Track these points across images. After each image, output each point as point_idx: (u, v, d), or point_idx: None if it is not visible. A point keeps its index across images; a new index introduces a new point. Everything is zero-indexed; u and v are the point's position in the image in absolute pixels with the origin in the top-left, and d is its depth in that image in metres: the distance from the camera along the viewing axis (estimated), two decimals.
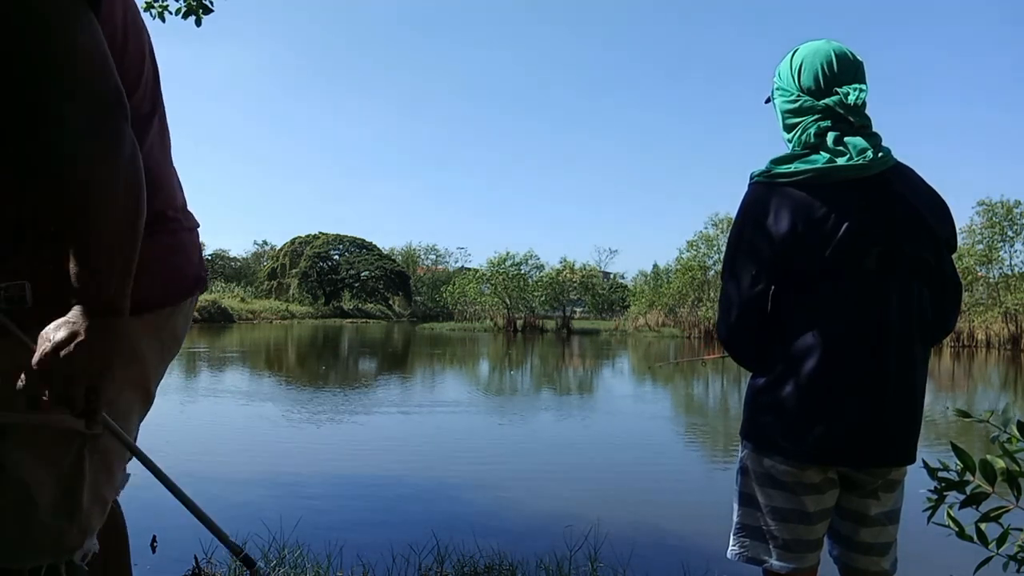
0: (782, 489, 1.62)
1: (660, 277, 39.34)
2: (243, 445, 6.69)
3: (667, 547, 3.89)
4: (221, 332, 27.31)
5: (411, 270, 56.72)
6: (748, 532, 1.67)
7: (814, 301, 1.55)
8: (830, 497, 1.63)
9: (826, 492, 1.62)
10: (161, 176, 1.32)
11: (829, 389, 1.54)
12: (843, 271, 1.53)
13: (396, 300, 54.32)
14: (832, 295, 1.54)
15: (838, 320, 1.54)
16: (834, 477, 1.62)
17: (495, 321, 37.78)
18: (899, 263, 1.54)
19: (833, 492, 1.64)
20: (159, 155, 1.33)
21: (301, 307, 45.70)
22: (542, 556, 3.21)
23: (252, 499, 4.64)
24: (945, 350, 24.47)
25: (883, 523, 1.65)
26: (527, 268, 38.36)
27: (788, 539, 1.62)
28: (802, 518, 1.61)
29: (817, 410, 1.55)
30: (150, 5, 3.71)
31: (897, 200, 1.55)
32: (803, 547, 1.62)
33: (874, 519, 1.64)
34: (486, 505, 4.84)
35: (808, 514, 1.61)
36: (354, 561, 3.12)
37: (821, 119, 1.57)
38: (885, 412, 1.54)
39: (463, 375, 15.74)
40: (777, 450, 1.60)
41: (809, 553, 1.63)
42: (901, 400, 1.55)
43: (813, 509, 1.60)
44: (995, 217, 27.33)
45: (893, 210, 1.54)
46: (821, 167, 1.53)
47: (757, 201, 1.59)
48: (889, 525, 1.65)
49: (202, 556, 3.09)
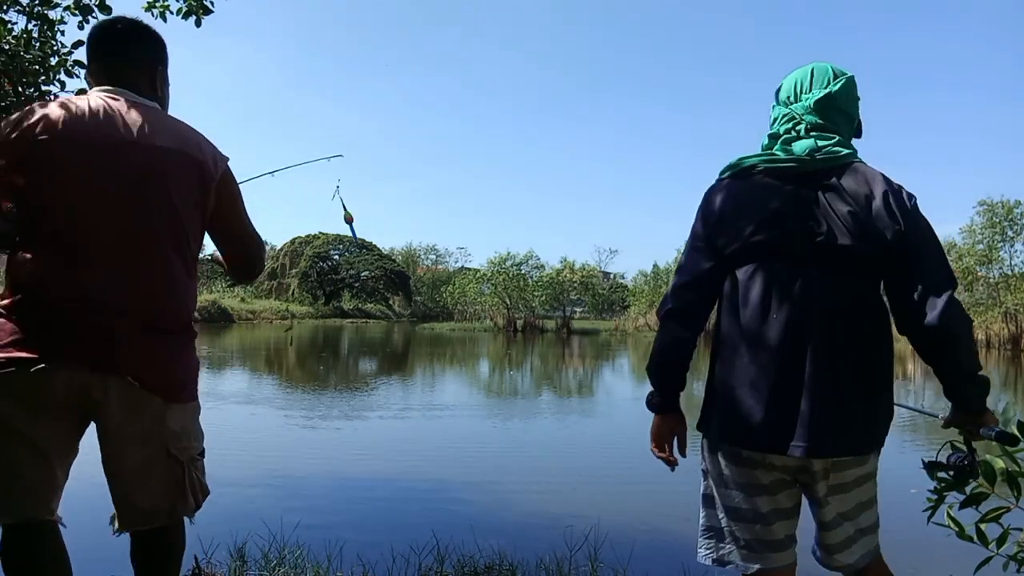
0: (736, 489, 1.66)
1: (660, 277, 39.29)
2: (243, 445, 6.69)
3: (667, 547, 3.90)
4: (221, 332, 27.31)
5: (411, 270, 56.68)
6: (713, 533, 1.72)
7: (736, 286, 1.65)
8: (785, 498, 1.66)
9: (778, 493, 1.65)
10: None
11: (738, 373, 1.62)
12: (763, 257, 1.61)
13: (396, 300, 54.31)
14: (748, 280, 1.62)
15: (750, 304, 1.61)
16: (785, 478, 1.64)
17: (495, 321, 37.76)
18: (824, 252, 1.57)
19: (788, 493, 1.66)
20: None
21: (301, 307, 45.67)
22: (542, 556, 3.21)
23: (252, 499, 4.64)
24: None
25: (841, 523, 1.65)
26: (527, 268, 38.35)
27: (748, 539, 1.66)
28: (757, 518, 1.65)
29: (728, 393, 1.65)
30: (151, 5, 3.70)
31: (832, 192, 1.60)
32: (765, 547, 1.65)
33: (831, 522, 1.66)
34: (486, 505, 4.84)
35: (763, 514, 1.64)
36: (354, 561, 3.12)
37: (782, 123, 1.71)
38: (789, 400, 1.55)
39: (463, 375, 15.74)
40: (708, 434, 1.73)
41: (773, 553, 1.65)
42: (819, 390, 1.54)
43: (766, 509, 1.64)
44: (995, 217, 27.30)
45: (824, 202, 1.60)
46: (755, 161, 1.68)
47: (708, 192, 1.76)
48: (848, 522, 1.66)
49: (202, 556, 3.08)
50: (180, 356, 1.74)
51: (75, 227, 1.62)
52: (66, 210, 1.62)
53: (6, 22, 3.29)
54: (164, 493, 1.73)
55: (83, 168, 1.62)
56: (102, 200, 1.63)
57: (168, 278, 1.69)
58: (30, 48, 3.34)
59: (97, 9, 3.52)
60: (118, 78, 1.77)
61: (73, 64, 3.48)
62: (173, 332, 1.71)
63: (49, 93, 3.44)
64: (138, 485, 1.72)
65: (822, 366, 1.54)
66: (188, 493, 1.77)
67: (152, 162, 1.67)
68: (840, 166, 1.63)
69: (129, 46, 1.81)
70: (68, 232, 1.62)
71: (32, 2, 3.41)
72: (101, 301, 1.60)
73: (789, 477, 1.65)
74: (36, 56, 3.33)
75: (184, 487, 1.76)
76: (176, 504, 1.76)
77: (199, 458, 1.83)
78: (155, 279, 1.67)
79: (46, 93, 3.42)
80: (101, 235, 1.62)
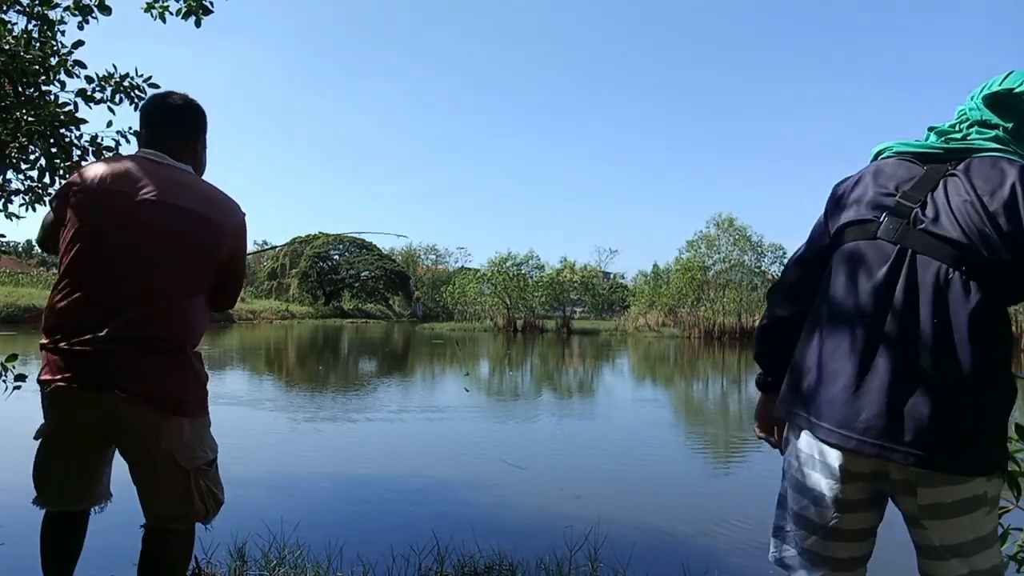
0: (809, 497, 1.51)
1: (660, 277, 39.30)
2: (244, 445, 6.69)
3: (667, 547, 3.89)
4: (222, 332, 27.31)
5: (411, 270, 56.67)
6: (778, 534, 1.62)
7: (831, 267, 1.58)
8: (862, 518, 1.50)
9: (858, 512, 1.49)
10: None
11: (813, 355, 1.51)
12: (861, 238, 1.52)
13: (396, 300, 54.29)
14: (841, 262, 1.54)
15: (837, 287, 1.53)
16: (862, 484, 1.47)
17: (495, 321, 37.76)
18: (925, 240, 1.42)
19: (869, 513, 1.51)
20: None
21: (301, 307, 45.67)
22: (542, 556, 3.21)
23: (252, 499, 4.64)
24: None
25: (945, 557, 1.41)
26: (527, 268, 38.35)
27: (807, 549, 1.53)
28: (816, 529, 1.51)
29: (803, 376, 1.53)
30: (151, 6, 3.70)
31: (956, 181, 1.46)
32: (823, 563, 1.52)
33: (933, 550, 1.43)
34: (486, 505, 4.84)
35: (824, 527, 1.50)
36: (354, 561, 3.12)
37: (952, 120, 1.64)
38: (866, 391, 1.39)
39: (463, 375, 15.74)
40: (788, 421, 1.60)
41: (833, 572, 1.51)
42: (895, 388, 1.37)
43: (830, 522, 1.49)
44: None
45: (943, 191, 1.46)
46: (888, 144, 1.65)
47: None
48: (955, 559, 1.40)
49: (202, 556, 3.09)
50: (177, 374, 1.97)
51: (94, 269, 1.92)
52: (88, 255, 1.92)
53: (6, 22, 3.29)
54: (171, 499, 1.98)
55: (108, 217, 1.93)
56: (121, 246, 1.92)
57: (168, 311, 1.94)
58: (30, 48, 3.34)
59: (97, 9, 3.52)
60: (161, 144, 2.07)
61: (73, 64, 3.48)
62: (170, 354, 1.94)
63: (49, 93, 3.44)
64: (147, 490, 1.99)
65: (900, 360, 1.38)
66: (196, 500, 2.00)
67: (170, 219, 1.95)
68: (978, 157, 1.49)
69: (175, 117, 2.11)
70: (88, 273, 1.92)
71: (32, 2, 3.41)
72: (109, 330, 1.86)
73: (867, 484, 1.47)
74: (36, 56, 3.33)
75: (191, 494, 1.99)
76: (185, 510, 2.00)
77: (206, 468, 2.04)
78: (155, 313, 1.92)
79: (46, 93, 3.42)
80: (114, 276, 1.91)
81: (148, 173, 1.98)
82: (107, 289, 1.90)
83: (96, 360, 1.86)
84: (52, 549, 2.05)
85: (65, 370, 1.88)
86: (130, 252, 1.92)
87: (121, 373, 1.87)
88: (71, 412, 1.93)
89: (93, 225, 1.93)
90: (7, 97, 3.28)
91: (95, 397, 1.87)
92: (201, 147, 2.19)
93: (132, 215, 1.92)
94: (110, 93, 3.61)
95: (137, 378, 1.88)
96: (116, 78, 3.62)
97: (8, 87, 3.25)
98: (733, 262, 33.00)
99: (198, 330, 2.05)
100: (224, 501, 2.13)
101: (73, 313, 1.89)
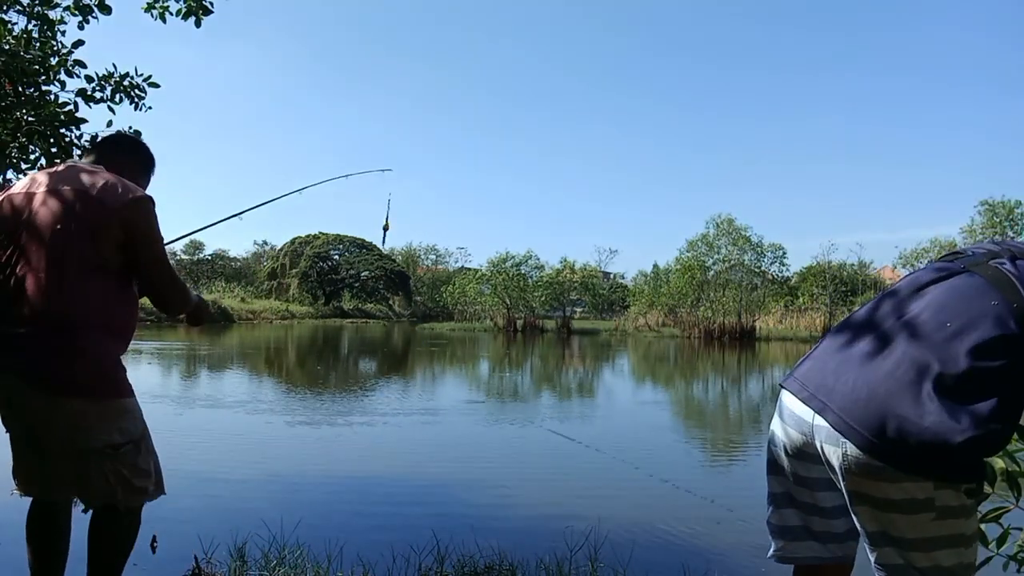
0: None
1: (660, 277, 39.29)
2: (244, 445, 6.69)
3: (667, 547, 3.89)
4: (222, 332, 27.31)
5: (411, 270, 56.66)
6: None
7: None
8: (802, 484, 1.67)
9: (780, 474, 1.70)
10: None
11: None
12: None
13: (396, 300, 54.29)
14: None
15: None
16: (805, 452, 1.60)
17: (495, 321, 37.74)
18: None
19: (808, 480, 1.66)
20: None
21: (301, 307, 45.67)
22: (542, 556, 3.21)
23: (253, 499, 4.64)
24: None
25: (878, 544, 1.49)
26: (527, 268, 38.33)
27: (769, 522, 1.75)
28: (770, 499, 1.75)
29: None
30: (151, 6, 3.70)
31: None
32: (773, 532, 1.73)
33: (866, 535, 1.52)
34: (486, 505, 4.83)
35: (772, 495, 1.73)
36: (354, 561, 3.12)
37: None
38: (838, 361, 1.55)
39: (463, 376, 15.74)
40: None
41: (783, 541, 1.71)
42: (858, 366, 1.49)
43: (774, 490, 1.73)
44: (996, 217, 27.31)
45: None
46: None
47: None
48: (877, 549, 1.49)
49: (202, 556, 3.09)
50: (69, 355, 1.96)
51: (3, 263, 2.03)
52: (9, 249, 2.04)
53: (6, 22, 3.29)
54: (74, 479, 2.03)
55: (9, 214, 2.08)
56: (16, 236, 2.04)
57: (59, 290, 1.97)
58: (30, 48, 3.34)
59: (97, 9, 3.52)
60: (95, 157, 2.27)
61: (73, 64, 3.48)
62: (61, 333, 1.95)
63: (49, 93, 3.44)
64: (59, 467, 2.04)
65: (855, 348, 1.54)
66: (103, 482, 2.01)
67: (56, 201, 2.05)
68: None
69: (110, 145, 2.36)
70: (7, 264, 2.03)
71: (32, 2, 3.41)
72: (12, 315, 1.96)
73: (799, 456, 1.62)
74: (36, 56, 3.33)
75: (101, 476, 2.00)
76: (91, 491, 2.03)
77: (111, 451, 2.01)
78: (45, 292, 1.97)
79: (46, 93, 3.43)
80: (12, 263, 2.02)
81: (51, 172, 2.14)
82: (8, 277, 2.00)
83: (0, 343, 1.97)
84: (29, 538, 2.09)
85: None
86: (26, 239, 2.02)
87: (17, 354, 1.94)
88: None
89: (1, 225, 2.08)
90: (7, 97, 3.28)
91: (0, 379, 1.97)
92: (127, 171, 2.26)
93: (27, 206, 2.06)
94: (110, 93, 3.62)
95: (31, 359, 1.93)
96: (116, 77, 3.62)
97: (8, 87, 3.25)
98: (733, 262, 32.99)
99: (96, 307, 2.02)
100: (151, 487, 2.10)
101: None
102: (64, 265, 1.99)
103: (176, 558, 3.14)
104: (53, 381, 1.93)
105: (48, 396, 1.94)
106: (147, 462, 2.10)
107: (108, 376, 2.03)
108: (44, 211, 2.04)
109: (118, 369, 2.07)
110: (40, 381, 1.93)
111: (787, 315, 34.19)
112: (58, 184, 2.07)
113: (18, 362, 1.94)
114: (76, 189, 2.05)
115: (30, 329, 1.94)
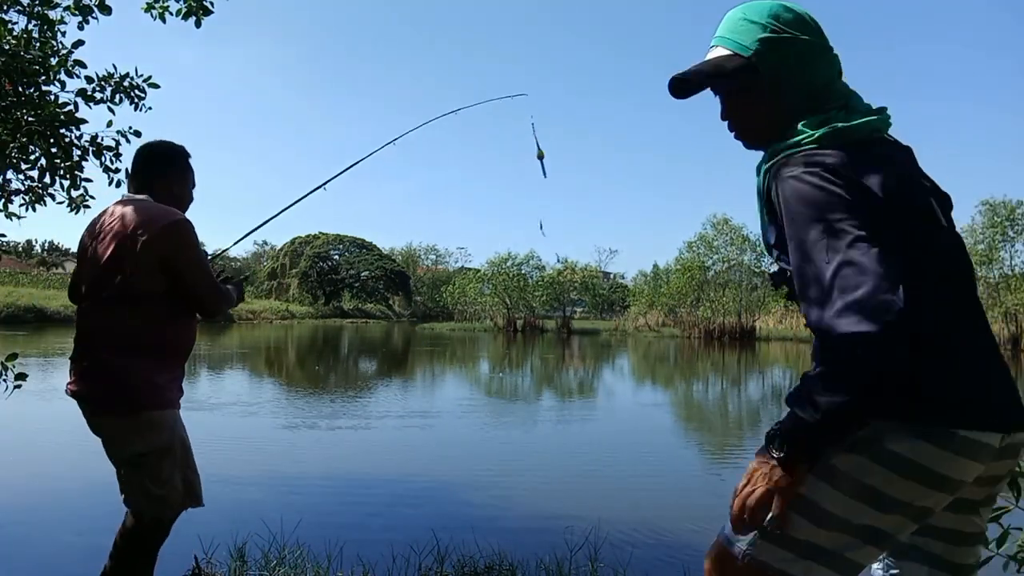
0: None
1: (660, 277, 39.29)
2: (244, 446, 6.69)
3: (667, 547, 3.89)
4: (222, 332, 27.31)
5: (411, 270, 56.65)
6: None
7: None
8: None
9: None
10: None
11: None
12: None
13: (396, 300, 54.28)
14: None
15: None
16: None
17: (495, 321, 37.75)
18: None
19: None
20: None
21: (301, 307, 45.67)
22: (542, 556, 3.21)
23: (253, 499, 4.64)
24: None
25: (982, 538, 1.34)
26: (527, 268, 38.34)
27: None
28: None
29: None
30: (151, 6, 3.70)
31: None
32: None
33: (980, 534, 1.34)
34: (486, 505, 4.83)
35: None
36: (354, 561, 3.12)
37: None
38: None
39: (463, 376, 15.74)
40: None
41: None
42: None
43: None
44: (996, 217, 27.28)
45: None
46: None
47: None
48: (981, 542, 1.35)
49: (202, 556, 3.09)
50: (100, 378, 2.17)
51: (76, 293, 2.37)
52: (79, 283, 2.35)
53: (6, 22, 3.29)
54: (122, 487, 2.22)
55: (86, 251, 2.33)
56: (82, 272, 2.32)
57: (98, 323, 2.22)
58: (30, 48, 3.34)
59: (97, 9, 3.52)
60: (135, 189, 2.39)
61: (73, 64, 3.48)
62: (95, 359, 2.18)
63: (49, 93, 3.44)
64: (118, 477, 2.24)
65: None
66: (131, 490, 2.19)
67: (101, 239, 2.25)
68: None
69: (136, 164, 2.40)
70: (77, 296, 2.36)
71: (32, 2, 3.41)
72: (78, 342, 2.24)
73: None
74: (36, 56, 3.33)
75: (129, 485, 2.19)
76: (128, 498, 2.19)
77: (137, 460, 2.15)
78: (88, 325, 2.23)
79: (46, 93, 3.43)
80: (81, 297, 2.31)
81: (109, 210, 2.34)
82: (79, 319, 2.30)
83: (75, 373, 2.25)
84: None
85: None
86: (84, 275, 2.31)
87: (75, 381, 2.22)
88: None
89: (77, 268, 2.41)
90: (7, 97, 3.28)
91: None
92: (170, 182, 2.40)
93: (90, 243, 2.30)
94: (110, 93, 3.61)
95: (77, 384, 2.22)
96: (116, 78, 3.62)
97: (8, 87, 3.25)
98: (732, 262, 32.99)
99: (121, 332, 2.18)
100: (176, 497, 2.20)
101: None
102: (94, 295, 2.23)
103: (176, 558, 3.13)
104: (89, 401, 2.18)
105: (90, 415, 2.20)
106: (171, 472, 2.18)
107: (130, 391, 2.15)
108: (93, 246, 2.28)
109: (145, 384, 2.17)
110: (83, 402, 2.19)
111: (787, 315, 34.15)
112: (108, 220, 2.28)
113: (75, 388, 2.21)
114: (114, 226, 2.23)
115: (74, 355, 2.24)
